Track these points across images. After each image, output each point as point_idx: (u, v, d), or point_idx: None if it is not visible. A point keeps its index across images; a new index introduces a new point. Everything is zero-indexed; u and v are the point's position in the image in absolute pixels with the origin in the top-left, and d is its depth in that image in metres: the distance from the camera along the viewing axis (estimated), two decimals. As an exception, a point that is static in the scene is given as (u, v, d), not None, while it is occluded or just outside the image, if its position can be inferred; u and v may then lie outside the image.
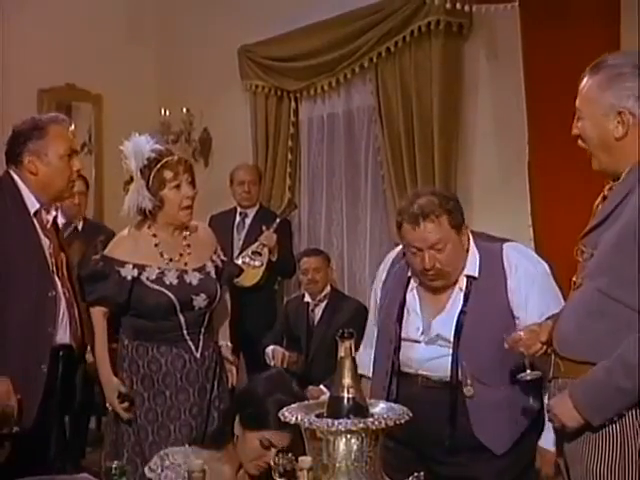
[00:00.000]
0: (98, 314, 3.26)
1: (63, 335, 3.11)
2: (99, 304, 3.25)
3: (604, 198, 2.39)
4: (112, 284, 3.21)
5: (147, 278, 3.21)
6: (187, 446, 2.73)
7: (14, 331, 2.98)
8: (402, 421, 2.00)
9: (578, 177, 3.97)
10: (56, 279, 3.10)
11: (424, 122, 5.24)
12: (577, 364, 2.28)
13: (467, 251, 2.83)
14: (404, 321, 2.86)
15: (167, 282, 3.22)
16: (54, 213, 3.18)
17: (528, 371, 2.59)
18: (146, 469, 2.61)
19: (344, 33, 5.69)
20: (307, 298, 5.26)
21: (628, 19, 4.12)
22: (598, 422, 2.22)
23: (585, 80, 2.36)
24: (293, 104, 6.31)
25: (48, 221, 3.15)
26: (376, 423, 1.95)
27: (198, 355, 3.26)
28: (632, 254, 2.19)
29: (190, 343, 3.25)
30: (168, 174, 3.22)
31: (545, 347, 2.53)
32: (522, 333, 2.57)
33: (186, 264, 3.28)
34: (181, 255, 3.29)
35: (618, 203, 2.28)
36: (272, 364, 5.04)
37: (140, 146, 3.22)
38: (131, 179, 3.25)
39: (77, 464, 4.99)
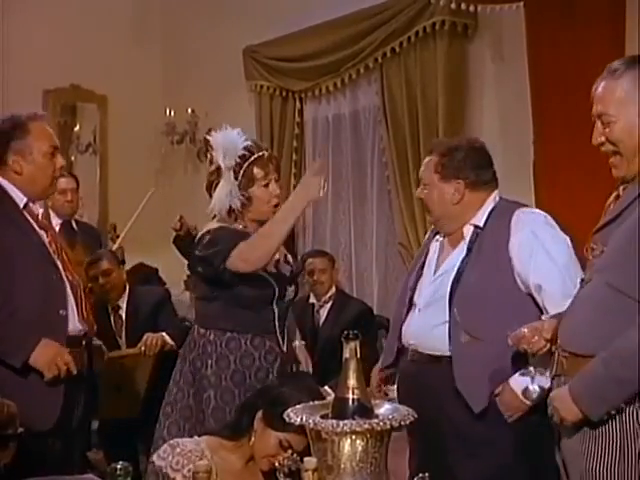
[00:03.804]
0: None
1: (73, 320, 3.04)
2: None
3: (617, 197, 2.36)
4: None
5: None
6: (196, 437, 2.72)
7: (28, 317, 2.93)
8: (407, 422, 2.00)
9: (583, 177, 3.98)
10: (58, 263, 3.05)
11: (429, 122, 5.23)
12: (582, 359, 2.25)
13: (480, 207, 2.93)
14: (421, 279, 3.00)
15: (268, 269, 3.10)
16: (41, 210, 3.14)
17: (530, 368, 2.58)
18: (154, 456, 2.56)
19: (349, 33, 5.70)
20: (312, 299, 5.25)
21: (633, 20, 4.11)
22: (597, 416, 2.20)
23: (607, 83, 2.28)
24: (298, 105, 6.32)
25: (40, 213, 3.11)
26: (381, 424, 1.95)
27: (285, 349, 3.18)
28: None
29: (279, 336, 3.16)
30: (259, 172, 3.11)
31: (549, 345, 2.51)
32: (525, 330, 2.54)
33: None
34: None
35: (631, 201, 2.27)
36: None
37: (233, 141, 3.12)
38: (216, 171, 3.13)
39: (85, 459, 4.97)
